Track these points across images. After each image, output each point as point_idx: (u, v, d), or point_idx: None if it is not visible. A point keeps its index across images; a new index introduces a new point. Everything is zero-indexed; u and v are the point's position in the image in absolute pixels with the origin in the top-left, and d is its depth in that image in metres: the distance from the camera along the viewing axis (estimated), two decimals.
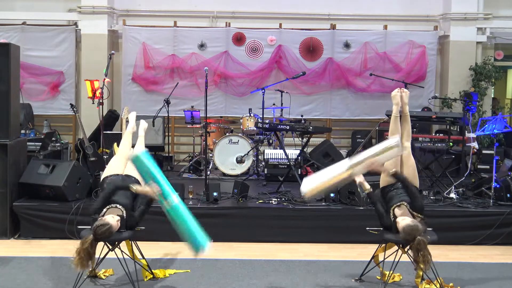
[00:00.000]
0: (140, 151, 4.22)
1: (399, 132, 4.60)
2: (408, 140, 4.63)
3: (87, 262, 3.94)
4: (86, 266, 3.96)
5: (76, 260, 3.91)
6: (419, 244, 3.95)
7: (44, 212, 5.77)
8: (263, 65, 9.28)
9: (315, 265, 5.04)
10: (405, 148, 4.54)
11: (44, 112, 9.16)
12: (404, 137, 4.61)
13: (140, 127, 5.14)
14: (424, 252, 3.93)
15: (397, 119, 4.63)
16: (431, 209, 5.74)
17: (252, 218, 5.84)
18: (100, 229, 3.96)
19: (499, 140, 8.22)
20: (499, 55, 9.74)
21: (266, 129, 7.04)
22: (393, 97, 4.70)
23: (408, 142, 4.60)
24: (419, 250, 3.95)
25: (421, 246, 3.95)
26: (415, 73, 9.29)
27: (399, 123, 4.63)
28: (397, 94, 4.70)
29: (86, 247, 3.92)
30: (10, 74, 5.78)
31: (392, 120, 4.65)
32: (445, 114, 6.99)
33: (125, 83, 9.29)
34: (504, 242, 5.73)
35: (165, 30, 9.28)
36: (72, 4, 9.23)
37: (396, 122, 4.63)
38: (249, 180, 7.38)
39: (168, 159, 8.57)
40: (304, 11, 9.51)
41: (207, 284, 4.55)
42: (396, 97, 4.68)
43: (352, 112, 9.50)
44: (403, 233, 4.05)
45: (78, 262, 3.90)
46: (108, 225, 4.00)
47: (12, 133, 5.87)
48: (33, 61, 9.08)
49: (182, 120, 8.79)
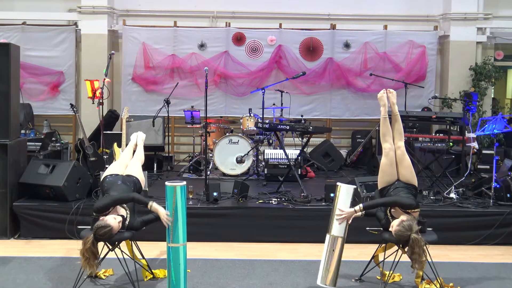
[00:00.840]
0: (181, 185, 4.03)
1: (390, 133, 4.59)
2: (401, 139, 4.60)
3: (94, 261, 3.94)
4: (94, 265, 3.95)
5: (83, 262, 3.92)
6: (413, 242, 3.96)
7: (44, 212, 5.77)
8: (263, 65, 9.28)
9: (315, 265, 5.02)
10: (399, 147, 4.54)
11: (44, 112, 9.16)
12: (396, 137, 4.59)
13: (139, 138, 5.09)
14: (419, 250, 3.93)
15: (386, 120, 4.62)
16: (431, 209, 5.75)
17: (252, 218, 5.84)
18: (101, 230, 3.96)
19: (499, 140, 8.23)
20: (499, 55, 9.74)
21: (266, 129, 7.04)
22: (379, 98, 4.69)
23: (400, 142, 4.58)
24: (413, 248, 3.95)
25: (415, 244, 3.95)
26: (415, 73, 9.29)
27: (389, 124, 4.61)
28: (383, 95, 4.69)
29: (89, 247, 3.91)
30: (10, 74, 5.78)
31: (381, 122, 4.62)
32: (445, 114, 6.98)
33: (125, 83, 9.29)
34: (504, 242, 5.73)
35: (165, 30, 9.28)
36: (72, 4, 9.23)
37: (386, 123, 4.61)
38: (249, 180, 7.39)
39: (168, 159, 8.58)
40: (304, 11, 9.51)
41: (207, 284, 4.55)
42: (382, 98, 4.68)
43: (352, 112, 9.50)
44: (396, 238, 4.10)
45: (86, 263, 3.91)
46: (109, 227, 3.99)
47: (12, 133, 5.87)
48: (33, 61, 9.08)
49: (182, 120, 8.79)
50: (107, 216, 4.12)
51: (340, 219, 4.19)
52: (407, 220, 4.10)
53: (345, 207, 4.20)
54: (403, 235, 4.02)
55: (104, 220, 4.07)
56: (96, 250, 3.97)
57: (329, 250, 4.18)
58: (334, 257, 4.18)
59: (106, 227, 3.98)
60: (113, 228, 4.03)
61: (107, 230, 3.97)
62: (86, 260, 3.91)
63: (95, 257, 3.95)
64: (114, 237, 4.10)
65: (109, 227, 3.99)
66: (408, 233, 3.99)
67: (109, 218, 4.09)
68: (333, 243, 4.18)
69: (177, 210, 3.99)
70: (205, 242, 5.63)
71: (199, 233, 5.59)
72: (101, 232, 3.96)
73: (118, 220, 4.12)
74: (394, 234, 4.09)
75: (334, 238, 4.19)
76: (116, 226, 4.07)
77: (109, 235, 4.01)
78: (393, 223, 4.17)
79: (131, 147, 5.01)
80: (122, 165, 4.71)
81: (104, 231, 3.96)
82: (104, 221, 4.05)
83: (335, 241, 4.19)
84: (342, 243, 4.19)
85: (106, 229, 3.97)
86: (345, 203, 4.21)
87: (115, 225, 4.06)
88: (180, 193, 4.00)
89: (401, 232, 4.03)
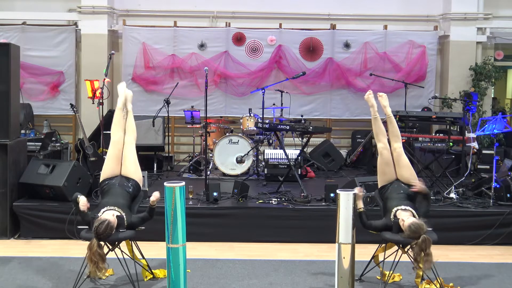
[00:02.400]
0: (180, 185, 4.02)
1: (383, 133, 4.62)
2: (397, 141, 4.62)
3: (103, 264, 3.89)
4: (103, 268, 3.91)
5: (92, 267, 3.86)
6: (424, 242, 3.95)
7: (44, 212, 5.77)
8: (263, 65, 9.27)
9: (315, 265, 5.05)
10: (395, 149, 4.55)
11: (44, 112, 9.15)
12: (392, 139, 4.62)
13: (128, 99, 4.97)
14: (429, 251, 3.94)
15: (377, 120, 4.69)
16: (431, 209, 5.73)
17: (252, 218, 5.84)
18: (101, 227, 3.95)
19: (499, 140, 8.23)
20: (499, 55, 9.74)
21: (266, 129, 7.04)
22: (366, 99, 4.82)
23: (396, 143, 4.60)
24: (423, 249, 3.95)
25: (426, 245, 3.95)
26: (415, 73, 9.29)
27: (380, 124, 4.68)
28: (369, 96, 4.82)
29: (95, 250, 3.87)
30: (10, 74, 5.78)
31: (372, 122, 4.71)
32: (445, 114, 6.99)
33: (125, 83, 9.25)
34: (504, 242, 5.73)
35: (165, 30, 9.28)
36: (72, 4, 9.22)
37: (376, 123, 4.68)
38: (249, 180, 7.39)
39: (168, 159, 8.58)
40: (304, 11, 9.51)
41: (207, 284, 4.55)
42: (369, 99, 4.81)
43: (352, 112, 9.49)
44: (409, 231, 4.04)
45: (95, 268, 3.85)
46: (107, 221, 3.98)
47: (12, 133, 5.87)
48: (33, 61, 9.07)
49: (182, 120, 8.79)
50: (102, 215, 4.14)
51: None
52: (419, 220, 4.12)
53: (348, 214, 4.07)
54: (416, 231, 4.00)
55: (99, 218, 4.07)
56: (102, 252, 3.93)
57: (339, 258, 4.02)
58: (346, 264, 4.05)
59: (104, 221, 3.97)
60: (111, 221, 4.02)
61: (106, 225, 3.95)
62: (95, 265, 3.84)
63: (103, 260, 3.90)
64: (115, 235, 4.10)
65: (106, 221, 3.98)
66: (422, 231, 3.99)
67: (104, 215, 4.11)
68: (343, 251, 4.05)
69: (176, 211, 3.99)
70: (205, 242, 5.64)
71: (199, 233, 5.60)
72: (102, 228, 3.94)
73: (113, 213, 4.13)
74: (409, 226, 4.04)
75: (343, 245, 4.08)
76: (113, 219, 4.06)
77: (110, 230, 3.98)
78: (406, 217, 4.17)
79: (120, 112, 4.82)
80: (117, 158, 4.61)
81: (104, 226, 3.94)
82: (100, 218, 4.05)
83: (344, 249, 4.08)
84: (352, 249, 4.02)
85: (104, 223, 3.96)
86: (348, 211, 4.10)
87: (112, 219, 4.06)
88: (179, 194, 4.00)
89: (417, 225, 4.01)
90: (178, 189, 3.99)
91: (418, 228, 4.01)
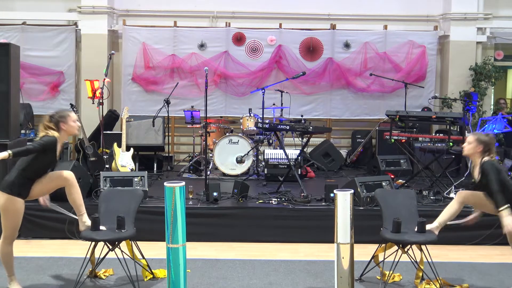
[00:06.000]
0: (180, 185, 3.98)
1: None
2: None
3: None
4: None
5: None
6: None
7: (44, 212, 5.74)
8: (263, 65, 9.28)
9: (315, 265, 5.05)
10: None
11: (44, 112, 9.08)
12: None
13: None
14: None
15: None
16: (431, 209, 5.74)
17: (252, 218, 5.84)
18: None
19: (499, 140, 8.22)
20: (499, 55, 9.74)
21: (266, 129, 7.04)
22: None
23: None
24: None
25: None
26: (415, 73, 9.29)
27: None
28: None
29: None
30: (10, 74, 5.79)
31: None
32: (445, 114, 6.97)
33: (125, 83, 9.29)
34: (504, 242, 5.66)
35: (165, 30, 9.28)
36: (72, 4, 9.23)
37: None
38: (249, 180, 7.39)
39: (168, 159, 8.58)
40: (304, 11, 9.51)
41: (207, 284, 4.55)
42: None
43: (352, 112, 9.50)
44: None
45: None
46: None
47: (12, 133, 5.87)
48: (33, 61, 9.07)
49: (182, 120, 8.79)
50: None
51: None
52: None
53: (346, 214, 4.08)
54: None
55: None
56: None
57: (338, 258, 3.99)
58: (345, 264, 4.07)
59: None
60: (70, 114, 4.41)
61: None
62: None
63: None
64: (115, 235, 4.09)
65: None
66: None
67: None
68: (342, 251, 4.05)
69: (176, 211, 3.98)
70: (205, 242, 5.64)
71: (199, 233, 5.59)
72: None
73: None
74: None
75: (341, 245, 4.07)
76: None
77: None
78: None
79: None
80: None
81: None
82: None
83: (343, 249, 4.06)
84: (351, 249, 3.99)
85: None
86: (345, 211, 4.06)
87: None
88: (179, 194, 4.00)
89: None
90: (178, 189, 3.99)
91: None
